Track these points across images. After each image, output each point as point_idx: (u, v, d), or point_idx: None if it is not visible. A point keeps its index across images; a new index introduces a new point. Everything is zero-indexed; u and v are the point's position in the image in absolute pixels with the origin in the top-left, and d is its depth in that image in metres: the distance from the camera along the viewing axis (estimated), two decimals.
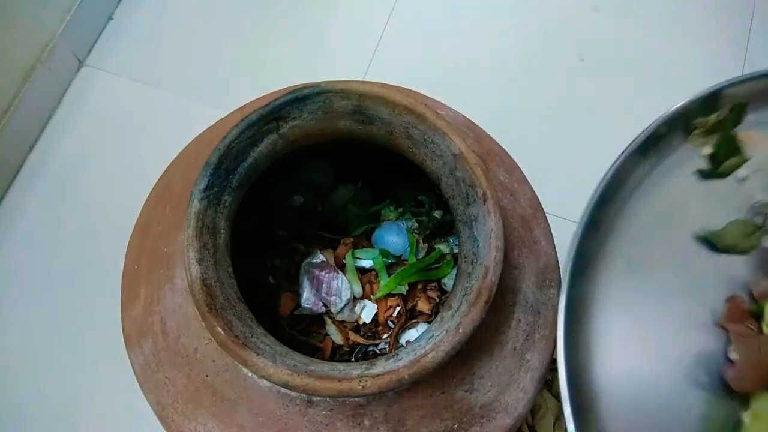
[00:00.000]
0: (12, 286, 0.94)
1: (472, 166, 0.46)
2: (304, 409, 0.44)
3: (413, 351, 0.42)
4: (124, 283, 0.52)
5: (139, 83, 1.07)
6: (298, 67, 1.11)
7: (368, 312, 0.63)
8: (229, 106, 0.60)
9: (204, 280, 0.42)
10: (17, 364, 0.91)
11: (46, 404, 0.89)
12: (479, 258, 0.44)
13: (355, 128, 0.50)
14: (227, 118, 0.59)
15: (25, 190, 1.00)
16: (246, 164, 0.47)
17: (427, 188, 0.66)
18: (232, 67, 1.10)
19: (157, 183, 0.57)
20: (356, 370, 0.41)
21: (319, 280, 0.62)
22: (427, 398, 0.45)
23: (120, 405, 0.88)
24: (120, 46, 1.10)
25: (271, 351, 0.41)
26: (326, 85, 0.48)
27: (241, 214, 0.49)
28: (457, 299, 0.44)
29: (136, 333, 0.49)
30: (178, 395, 0.46)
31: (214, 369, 0.45)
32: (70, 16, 1.02)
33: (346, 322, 0.63)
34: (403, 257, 0.65)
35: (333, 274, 0.63)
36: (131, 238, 0.54)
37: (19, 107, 0.96)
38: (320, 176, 0.69)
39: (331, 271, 0.63)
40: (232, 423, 0.44)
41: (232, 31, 1.13)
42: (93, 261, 0.95)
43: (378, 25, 1.15)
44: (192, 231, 0.43)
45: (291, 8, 1.15)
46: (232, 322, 0.42)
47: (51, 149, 1.02)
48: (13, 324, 0.92)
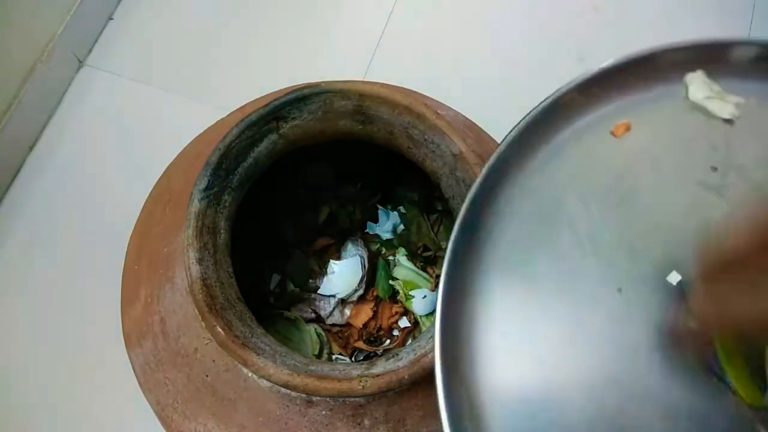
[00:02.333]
0: (12, 286, 0.94)
1: (472, 166, 0.46)
2: (304, 409, 0.43)
3: (413, 351, 0.42)
4: (124, 283, 0.52)
5: (139, 83, 1.07)
6: (298, 67, 1.10)
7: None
8: (229, 106, 0.60)
9: (204, 280, 0.42)
10: (17, 364, 0.91)
11: (46, 404, 0.88)
12: None
13: (355, 128, 0.50)
14: (227, 118, 0.59)
15: (25, 190, 1.00)
16: (246, 164, 0.47)
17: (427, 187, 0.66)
18: (232, 67, 1.10)
19: (157, 183, 0.57)
20: (356, 370, 0.41)
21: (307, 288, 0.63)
22: (427, 398, 0.45)
23: (120, 405, 0.88)
24: (120, 46, 1.10)
25: (272, 351, 0.41)
26: (326, 85, 0.48)
27: (241, 215, 0.49)
28: None
29: (136, 333, 0.49)
30: (178, 395, 0.46)
31: (214, 369, 0.45)
32: (70, 16, 1.02)
33: (336, 325, 0.63)
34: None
35: (318, 280, 0.63)
36: (131, 238, 0.54)
37: (19, 107, 0.96)
38: (320, 176, 0.69)
39: (318, 276, 0.63)
40: (232, 423, 0.44)
41: (232, 31, 1.13)
42: (93, 261, 0.95)
43: (378, 25, 1.15)
44: (192, 231, 0.43)
45: (291, 8, 1.15)
46: (232, 322, 0.42)
47: (51, 149, 1.02)
48: (13, 324, 0.92)
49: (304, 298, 0.63)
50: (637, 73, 0.38)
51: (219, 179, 0.45)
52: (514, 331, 0.34)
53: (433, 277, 0.64)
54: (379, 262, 0.65)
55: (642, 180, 0.37)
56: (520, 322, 0.35)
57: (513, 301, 0.35)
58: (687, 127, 0.38)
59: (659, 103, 0.39)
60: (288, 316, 0.62)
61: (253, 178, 0.48)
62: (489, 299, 0.35)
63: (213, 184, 0.45)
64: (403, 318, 0.63)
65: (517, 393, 0.33)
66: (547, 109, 0.38)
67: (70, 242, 0.97)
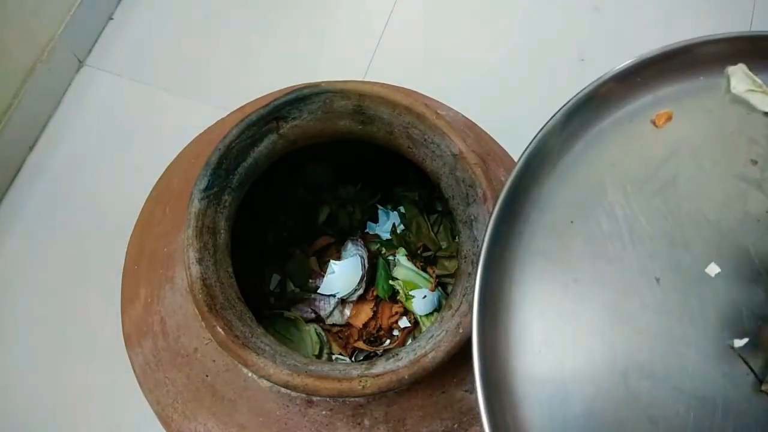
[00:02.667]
0: (12, 286, 0.94)
1: (472, 166, 0.46)
2: (304, 409, 0.43)
3: (413, 351, 0.42)
4: (124, 283, 0.52)
5: (139, 83, 1.07)
6: (298, 67, 1.10)
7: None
8: (229, 106, 0.60)
9: (204, 280, 0.42)
10: (17, 364, 0.91)
11: (47, 404, 0.88)
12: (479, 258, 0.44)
13: (355, 128, 0.50)
14: (227, 118, 0.59)
15: (25, 190, 1.00)
16: (246, 164, 0.47)
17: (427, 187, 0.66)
18: (232, 67, 1.10)
19: (157, 183, 0.57)
20: (356, 370, 0.41)
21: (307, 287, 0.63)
22: (427, 398, 0.45)
23: (120, 405, 0.88)
24: (120, 46, 1.10)
25: (271, 351, 0.41)
26: (326, 85, 0.48)
27: (241, 215, 0.49)
28: (458, 299, 0.44)
29: (136, 333, 0.49)
30: (178, 395, 0.46)
31: (214, 369, 0.45)
32: (70, 16, 1.02)
33: (336, 325, 0.63)
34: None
35: (318, 280, 0.63)
36: (131, 238, 0.54)
37: (19, 107, 0.96)
38: (320, 176, 0.69)
39: (317, 276, 0.63)
40: (232, 423, 0.44)
41: (232, 31, 1.13)
42: (93, 261, 0.95)
43: (378, 25, 1.15)
44: (192, 231, 0.43)
45: (291, 8, 1.15)
46: (232, 321, 0.42)
47: (51, 149, 1.02)
48: (13, 324, 0.92)
49: (304, 298, 0.63)
50: (677, 65, 0.38)
51: (219, 179, 0.45)
52: (550, 316, 0.35)
53: (433, 277, 0.64)
54: (379, 261, 0.65)
55: (682, 171, 0.37)
56: (557, 308, 0.35)
57: (550, 287, 0.35)
58: (728, 119, 0.38)
59: (700, 94, 0.39)
60: (288, 317, 0.62)
61: (253, 178, 0.48)
62: (526, 285, 0.35)
63: (213, 184, 0.45)
64: (403, 318, 0.63)
65: (550, 376, 0.33)
66: (585, 99, 0.38)
67: (70, 242, 0.97)
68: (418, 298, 0.62)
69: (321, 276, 0.65)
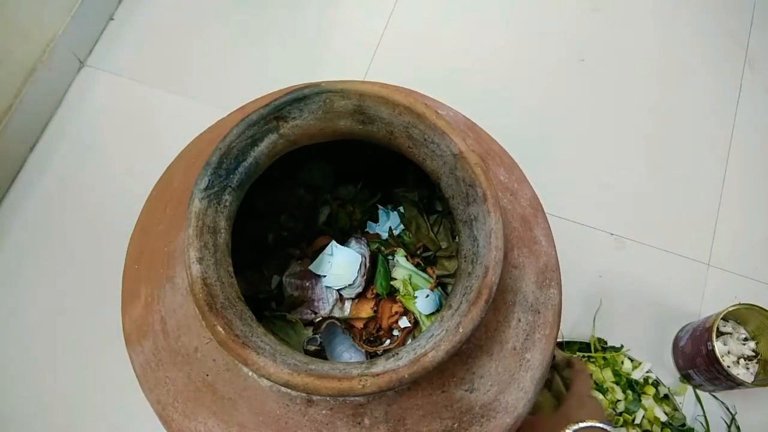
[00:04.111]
0: (12, 286, 0.95)
1: (472, 166, 0.46)
2: (304, 408, 0.44)
3: (413, 350, 0.42)
4: (125, 283, 0.52)
5: (139, 83, 1.08)
6: (298, 67, 1.11)
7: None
8: (229, 106, 0.60)
9: (204, 280, 0.42)
10: (17, 364, 0.91)
11: (47, 404, 0.89)
12: (479, 257, 0.44)
13: (356, 128, 0.50)
14: (227, 118, 0.59)
15: (25, 190, 1.00)
16: (246, 164, 0.47)
17: (427, 187, 0.66)
18: (232, 67, 1.10)
19: (158, 183, 0.57)
20: (356, 369, 0.41)
21: (303, 289, 0.62)
22: (427, 397, 0.45)
23: (120, 405, 0.88)
24: (120, 46, 1.11)
25: (272, 350, 0.41)
26: (326, 85, 0.48)
27: (241, 215, 0.49)
28: (457, 298, 0.44)
29: (137, 332, 0.49)
30: (179, 394, 0.46)
31: (215, 368, 0.45)
32: (70, 16, 1.02)
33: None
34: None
35: (314, 280, 0.63)
36: (131, 238, 0.54)
37: (20, 107, 0.97)
38: (320, 176, 0.69)
39: (312, 277, 0.63)
40: (232, 422, 0.44)
41: (232, 31, 1.13)
42: (93, 260, 0.95)
43: (378, 25, 1.15)
44: (192, 230, 0.43)
45: (291, 8, 1.15)
46: (232, 321, 0.42)
47: (51, 149, 1.03)
48: (14, 324, 0.92)
49: (304, 301, 0.63)
50: None
51: (219, 179, 0.45)
52: None
53: (433, 277, 0.64)
54: (378, 258, 0.65)
55: None
56: None
57: None
58: None
59: None
60: (289, 319, 0.62)
61: (253, 178, 0.48)
62: None
63: (213, 184, 0.45)
64: (403, 318, 0.63)
65: None
66: None
67: (70, 242, 0.97)
68: (421, 298, 0.62)
69: (321, 276, 0.65)
